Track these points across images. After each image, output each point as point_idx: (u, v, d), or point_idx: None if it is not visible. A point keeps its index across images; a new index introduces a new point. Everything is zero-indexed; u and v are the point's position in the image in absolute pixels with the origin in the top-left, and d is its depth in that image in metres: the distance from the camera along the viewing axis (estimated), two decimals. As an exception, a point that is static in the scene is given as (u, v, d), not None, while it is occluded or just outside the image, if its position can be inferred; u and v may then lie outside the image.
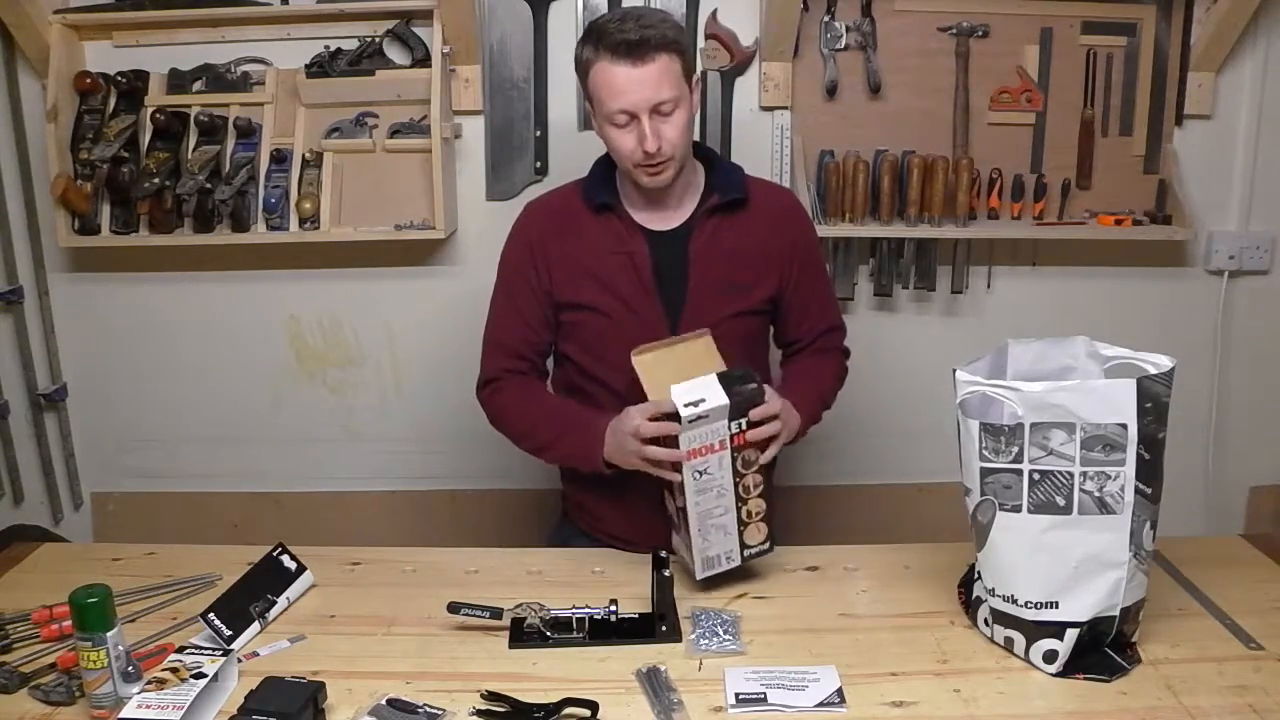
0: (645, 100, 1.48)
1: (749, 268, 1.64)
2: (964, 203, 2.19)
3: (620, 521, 1.69)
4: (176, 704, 1.11)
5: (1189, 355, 1.96)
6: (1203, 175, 2.32)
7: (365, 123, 2.21)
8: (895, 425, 2.44)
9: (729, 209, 1.62)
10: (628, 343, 1.56)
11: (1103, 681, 1.26)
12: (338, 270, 2.35)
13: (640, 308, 1.60)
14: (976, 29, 2.22)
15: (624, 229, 1.61)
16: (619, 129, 1.52)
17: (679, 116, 1.52)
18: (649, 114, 1.49)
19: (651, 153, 1.50)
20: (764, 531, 1.49)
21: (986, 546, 1.31)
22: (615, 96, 1.49)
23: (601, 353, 1.63)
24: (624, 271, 1.61)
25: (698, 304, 1.61)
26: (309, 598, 1.49)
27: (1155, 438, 1.24)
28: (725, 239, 1.62)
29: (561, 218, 1.65)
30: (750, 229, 1.64)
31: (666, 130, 1.50)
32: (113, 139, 2.12)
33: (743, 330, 1.65)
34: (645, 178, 1.55)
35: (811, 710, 1.21)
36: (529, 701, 1.20)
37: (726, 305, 1.62)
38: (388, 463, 2.47)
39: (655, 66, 1.47)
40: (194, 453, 2.46)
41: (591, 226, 1.62)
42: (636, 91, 1.47)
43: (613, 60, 1.48)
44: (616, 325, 1.61)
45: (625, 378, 1.56)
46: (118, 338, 2.40)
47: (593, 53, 1.50)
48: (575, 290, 1.62)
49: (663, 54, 1.47)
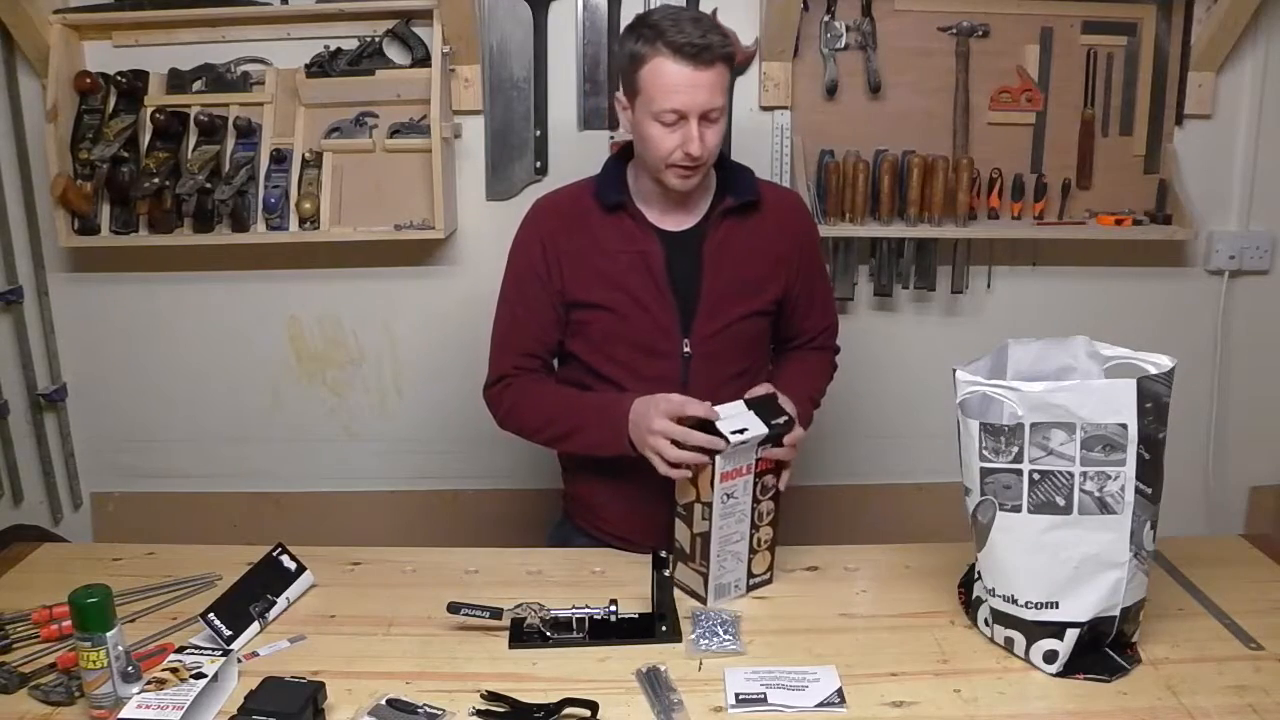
0: (700, 104, 1.48)
1: (760, 269, 1.64)
2: (964, 202, 2.19)
3: (623, 519, 1.68)
4: (176, 704, 1.11)
5: (1189, 355, 1.96)
6: (1203, 175, 2.33)
7: (365, 123, 2.21)
8: (895, 425, 2.44)
9: (741, 211, 1.63)
10: (637, 342, 1.55)
11: (1103, 681, 1.26)
12: (338, 270, 2.35)
13: (653, 307, 1.60)
14: (976, 29, 2.22)
15: (637, 228, 1.61)
16: (664, 127, 1.50)
17: (721, 125, 1.53)
18: (699, 118, 1.49)
19: (695, 156, 1.50)
20: (768, 561, 1.50)
21: (986, 546, 1.31)
22: (670, 95, 1.48)
23: (611, 351, 1.63)
24: (637, 270, 1.60)
25: (711, 304, 1.61)
26: (309, 598, 1.49)
27: (1155, 438, 1.24)
28: (738, 240, 1.63)
29: (572, 216, 1.64)
30: (761, 231, 1.64)
31: (710, 136, 1.51)
32: (113, 139, 2.12)
33: (751, 330, 1.66)
34: (676, 179, 1.55)
35: (811, 710, 1.21)
36: (529, 701, 1.20)
37: (738, 306, 1.63)
38: (388, 463, 2.47)
39: (713, 73, 1.48)
40: (194, 453, 2.46)
41: (604, 225, 1.62)
42: (694, 94, 1.47)
43: (675, 59, 1.47)
44: (628, 324, 1.60)
45: (633, 376, 1.56)
46: (118, 338, 2.40)
47: (650, 48, 1.49)
48: (587, 289, 1.62)
49: (720, 63, 1.49)
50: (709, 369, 1.61)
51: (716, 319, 1.60)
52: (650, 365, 1.60)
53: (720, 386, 1.56)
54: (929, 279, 2.32)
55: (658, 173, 1.56)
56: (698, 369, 1.61)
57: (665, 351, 1.60)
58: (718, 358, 1.62)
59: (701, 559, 1.44)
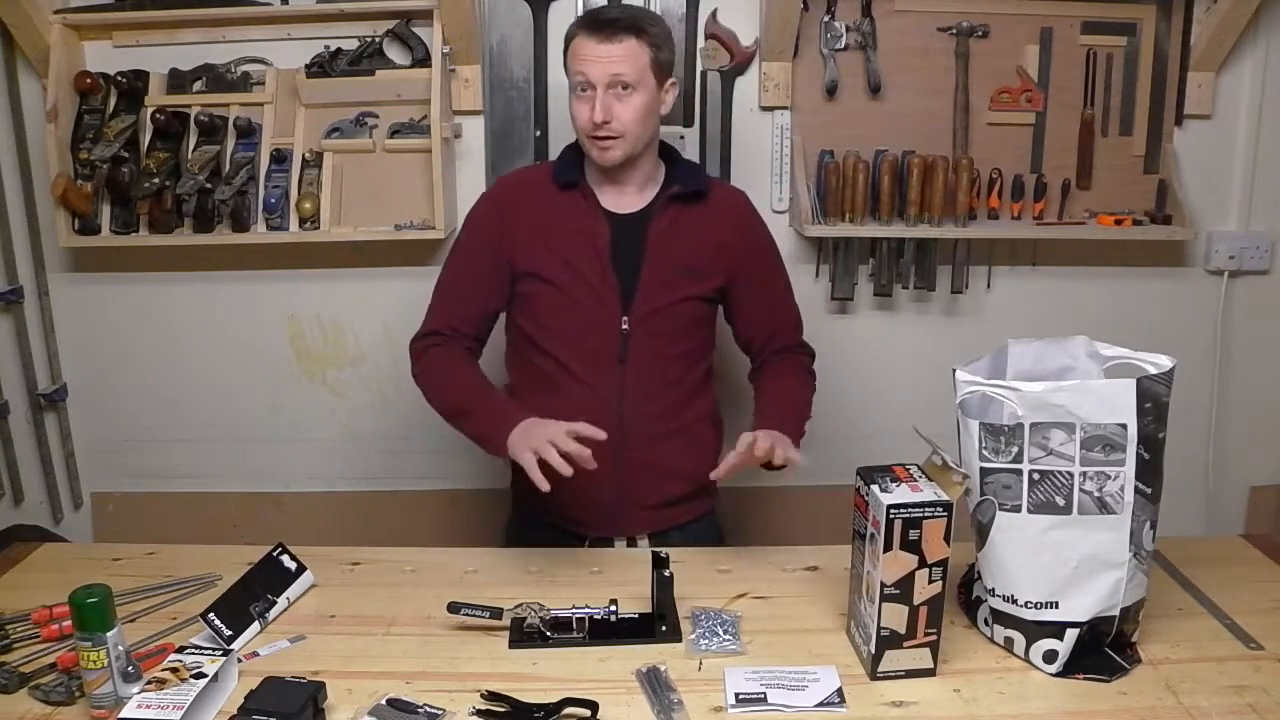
0: (602, 73, 1.58)
1: (702, 256, 1.70)
2: (964, 203, 2.19)
3: (569, 503, 1.70)
4: (176, 704, 1.11)
5: (1189, 355, 1.95)
6: (1203, 175, 2.33)
7: (365, 123, 2.22)
8: (895, 425, 2.42)
9: (688, 199, 1.69)
10: (579, 316, 1.65)
11: (1103, 681, 1.26)
12: (338, 270, 2.35)
13: (595, 283, 1.66)
14: (976, 29, 2.22)
15: (588, 208, 1.68)
16: (578, 99, 1.62)
17: (635, 100, 1.60)
18: (604, 88, 1.58)
19: (598, 123, 1.58)
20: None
21: (986, 546, 1.31)
22: (579, 64, 1.60)
23: (553, 326, 1.69)
24: (583, 248, 1.67)
25: (651, 285, 1.67)
26: (309, 598, 1.49)
27: (1155, 438, 1.24)
28: (682, 227, 1.69)
29: (530, 191, 1.72)
30: (706, 220, 1.71)
31: (619, 108, 1.59)
32: (113, 139, 2.12)
33: (692, 313, 1.72)
34: (595, 151, 1.63)
35: (811, 710, 1.21)
36: (529, 701, 1.20)
37: (678, 289, 1.69)
38: (387, 463, 2.47)
39: (620, 46, 1.58)
40: (194, 453, 2.46)
41: (558, 202, 1.69)
42: (597, 64, 1.58)
43: (584, 33, 1.61)
44: (570, 298, 1.67)
45: (573, 350, 1.65)
46: (118, 338, 2.40)
47: (574, 29, 1.64)
48: (534, 261, 1.68)
49: (631, 38, 1.59)
50: (647, 346, 1.68)
51: (656, 299, 1.67)
52: (590, 339, 1.67)
53: (659, 365, 1.70)
54: (929, 279, 2.32)
55: (586, 149, 1.65)
56: (636, 346, 1.67)
57: (605, 326, 1.67)
58: (656, 336, 1.68)
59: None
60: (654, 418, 1.71)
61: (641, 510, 1.74)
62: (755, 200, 1.83)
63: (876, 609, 1.24)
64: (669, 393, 1.72)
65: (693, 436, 1.76)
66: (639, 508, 1.73)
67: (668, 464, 1.73)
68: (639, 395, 1.69)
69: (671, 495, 1.75)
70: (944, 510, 1.21)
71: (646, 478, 1.72)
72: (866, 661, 1.28)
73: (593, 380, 1.68)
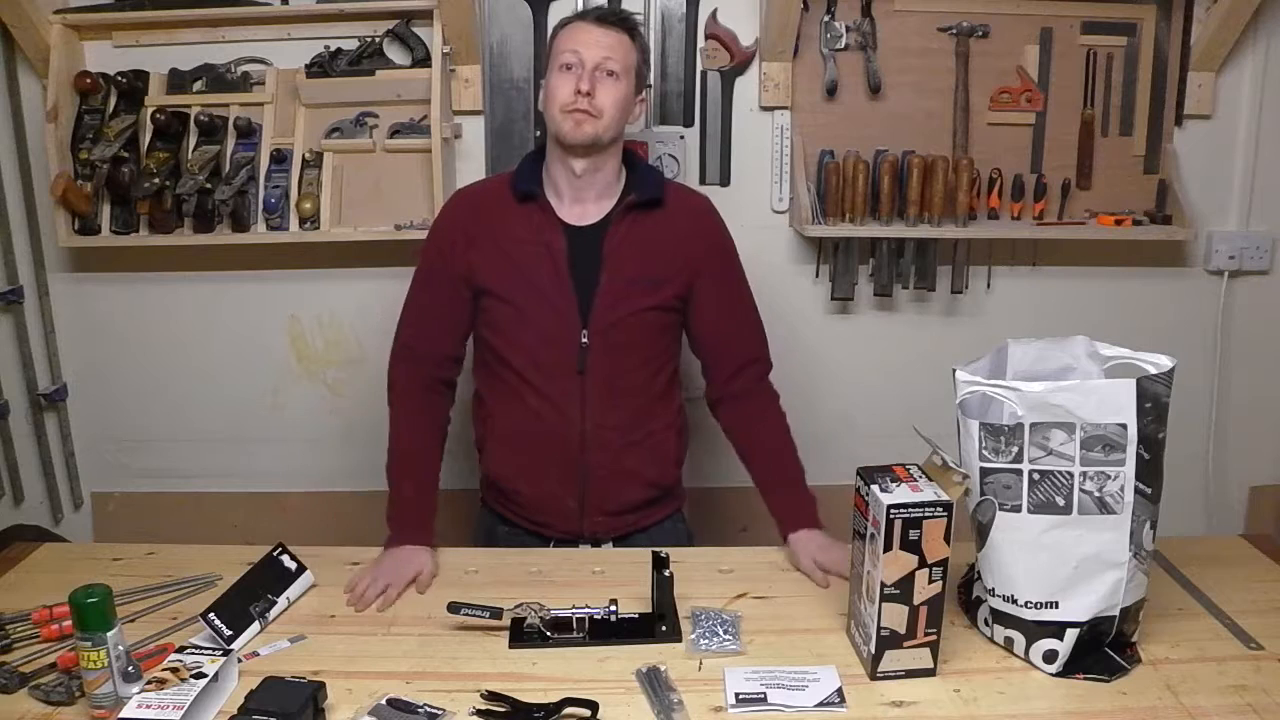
0: (596, 54, 1.60)
1: (661, 265, 1.69)
2: (964, 203, 2.19)
3: (531, 507, 1.75)
4: (176, 704, 1.11)
5: (1189, 355, 1.96)
6: (1203, 175, 2.32)
7: (365, 123, 2.21)
8: (894, 425, 2.43)
9: (645, 207, 1.68)
10: (538, 329, 1.65)
11: (1103, 681, 1.26)
12: (338, 270, 2.35)
13: (553, 296, 1.66)
14: (976, 29, 2.22)
15: (545, 221, 1.67)
16: (561, 75, 1.61)
17: (618, 88, 1.62)
18: (593, 67, 1.60)
19: (583, 91, 1.58)
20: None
21: (986, 546, 1.31)
22: (571, 44, 1.62)
23: (512, 339, 1.69)
24: (540, 262, 1.66)
25: (610, 297, 1.66)
26: (309, 598, 1.49)
27: (1155, 438, 1.24)
28: (639, 237, 1.67)
29: (486, 205, 1.72)
30: (664, 228, 1.69)
31: (602, 89, 1.60)
32: (113, 139, 2.12)
33: (652, 324, 1.70)
34: (570, 125, 1.60)
35: (811, 710, 1.21)
36: (529, 701, 1.20)
37: (637, 299, 1.67)
38: (387, 463, 2.46)
39: (615, 38, 1.62)
40: (194, 453, 2.46)
41: (514, 215, 1.68)
42: (592, 46, 1.61)
43: (580, 19, 1.65)
44: (529, 312, 1.67)
45: (533, 363, 1.67)
46: (118, 338, 2.40)
47: (571, 18, 1.67)
48: (491, 277, 1.68)
49: (625, 35, 1.64)
50: (607, 358, 1.67)
51: (614, 311, 1.66)
52: (549, 351, 1.67)
53: (619, 376, 1.68)
54: (929, 279, 2.32)
55: (556, 128, 1.63)
56: (596, 358, 1.67)
57: (563, 339, 1.66)
58: (616, 349, 1.67)
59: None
60: (616, 428, 1.70)
61: (604, 516, 1.74)
62: (755, 200, 1.83)
63: (876, 609, 1.24)
64: (630, 402, 1.70)
65: (656, 443, 1.75)
66: (601, 513, 1.73)
67: (630, 471, 1.72)
68: (600, 406, 1.68)
69: (634, 501, 1.75)
70: (944, 510, 1.21)
71: (609, 485, 1.72)
72: (866, 661, 1.29)
73: (553, 392, 1.68)
